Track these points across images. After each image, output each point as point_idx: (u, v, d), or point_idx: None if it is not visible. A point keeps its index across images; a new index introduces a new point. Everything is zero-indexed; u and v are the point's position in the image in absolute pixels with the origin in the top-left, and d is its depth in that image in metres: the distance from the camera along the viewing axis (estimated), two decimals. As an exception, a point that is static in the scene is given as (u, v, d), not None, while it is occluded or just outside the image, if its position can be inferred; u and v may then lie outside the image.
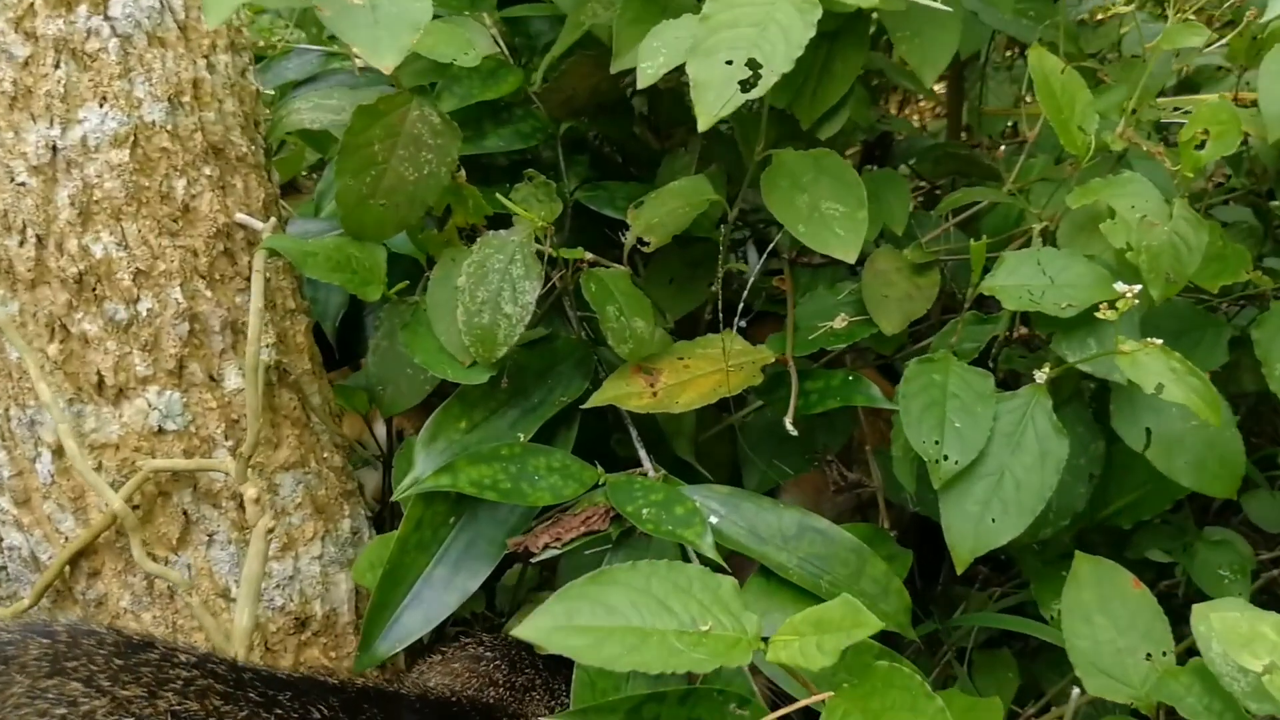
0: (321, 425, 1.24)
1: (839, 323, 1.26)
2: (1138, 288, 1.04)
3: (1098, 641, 1.04)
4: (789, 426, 1.18)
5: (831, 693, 0.86)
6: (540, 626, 0.85)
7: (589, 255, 1.24)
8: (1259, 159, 1.53)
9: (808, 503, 1.33)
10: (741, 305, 1.29)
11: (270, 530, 1.08)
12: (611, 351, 1.23)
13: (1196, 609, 0.91)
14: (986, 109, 1.70)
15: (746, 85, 0.97)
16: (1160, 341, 1.05)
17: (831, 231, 1.14)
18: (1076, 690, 1.08)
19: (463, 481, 1.12)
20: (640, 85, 1.05)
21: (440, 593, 1.15)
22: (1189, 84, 1.61)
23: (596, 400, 1.20)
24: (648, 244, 1.23)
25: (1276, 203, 1.53)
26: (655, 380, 1.20)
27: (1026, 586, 1.36)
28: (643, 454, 1.22)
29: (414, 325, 1.18)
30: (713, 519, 1.13)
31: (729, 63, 0.98)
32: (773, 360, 1.24)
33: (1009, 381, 1.43)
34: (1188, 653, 1.01)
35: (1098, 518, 1.33)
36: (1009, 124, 1.85)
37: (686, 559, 1.09)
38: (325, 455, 1.25)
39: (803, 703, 0.88)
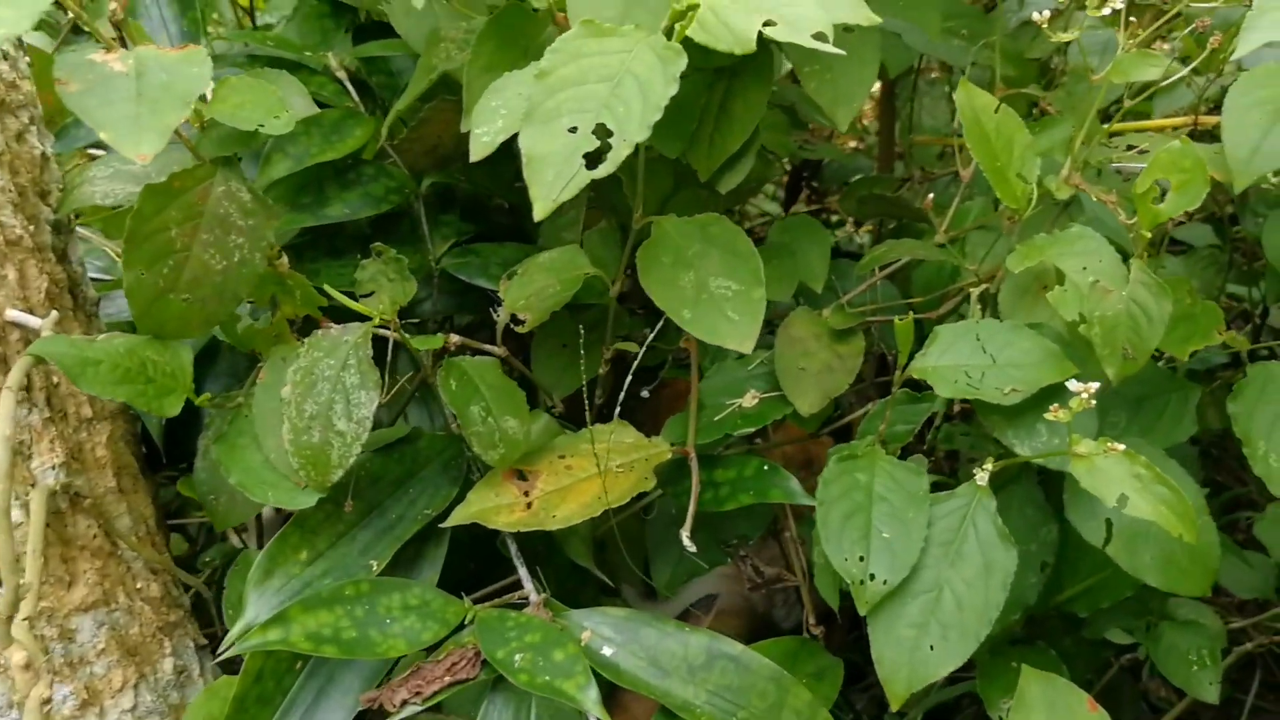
0: (134, 552, 1.03)
1: (749, 400, 1.08)
2: (1094, 386, 0.87)
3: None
4: (685, 540, 0.99)
5: None
6: None
7: (455, 338, 1.04)
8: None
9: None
10: (629, 379, 1.09)
11: (46, 701, 0.86)
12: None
13: None
14: (918, 138, 1.51)
15: (594, 160, 0.77)
16: (1122, 446, 0.88)
17: (723, 316, 0.96)
18: None
19: (296, 635, 0.92)
20: (473, 158, 0.85)
21: None
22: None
23: (458, 518, 1.00)
24: (522, 322, 1.03)
25: (1239, 228, 1.38)
26: (531, 487, 1.01)
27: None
28: (522, 571, 1.04)
29: (231, 438, 0.97)
30: (606, 650, 0.97)
31: (572, 130, 0.78)
32: (668, 456, 1.06)
33: (948, 466, 1.26)
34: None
35: (1051, 604, 1.16)
36: (943, 149, 1.66)
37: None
38: (138, 586, 1.04)
39: None
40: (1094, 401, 0.87)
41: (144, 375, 0.94)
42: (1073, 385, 0.88)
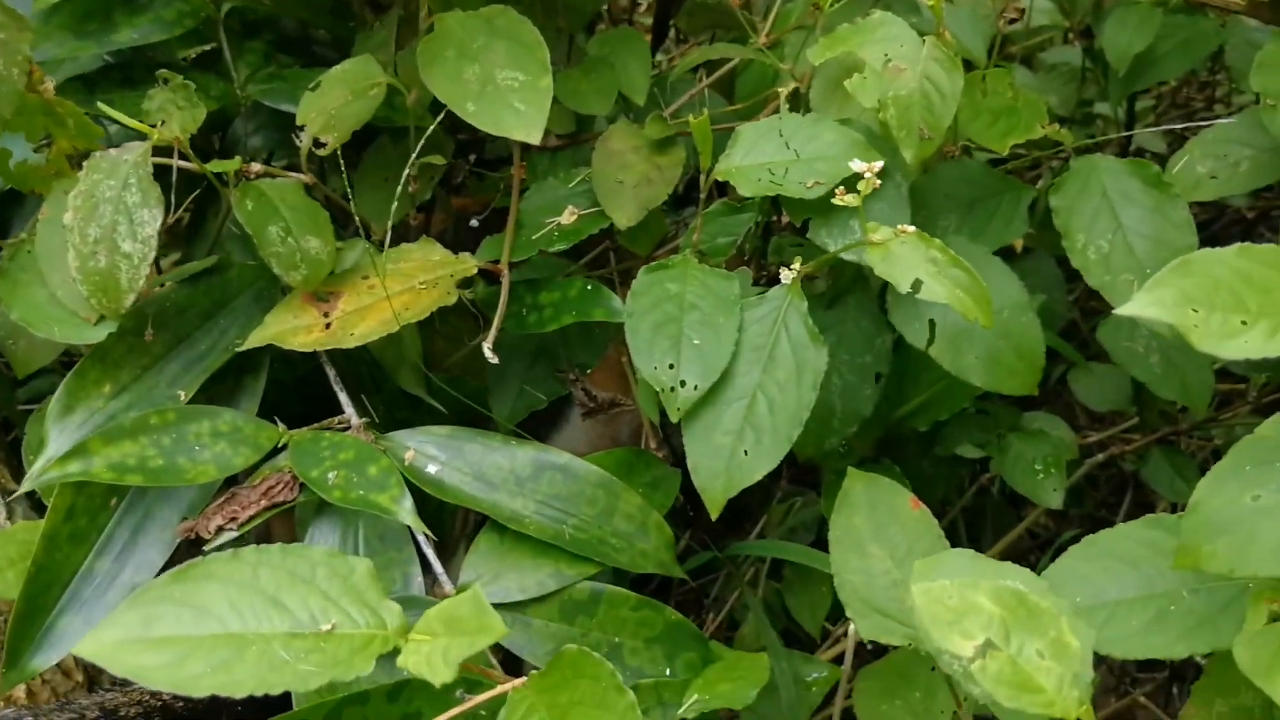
0: None
1: (567, 217, 1.06)
2: (879, 165, 0.84)
3: (871, 575, 0.86)
4: (488, 353, 0.98)
5: (522, 680, 0.73)
6: (104, 642, 0.66)
7: (256, 166, 1.01)
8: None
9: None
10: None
11: None
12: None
13: (914, 585, 0.70)
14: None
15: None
16: (913, 229, 0.86)
17: (509, 107, 0.93)
18: (852, 627, 0.92)
19: (98, 466, 0.91)
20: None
21: (104, 592, 0.94)
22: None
23: (254, 340, 0.98)
24: (324, 145, 1.00)
25: (1096, 40, 1.36)
26: (331, 308, 0.99)
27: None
28: (342, 397, 1.02)
29: (13, 274, 0.93)
30: (431, 468, 0.97)
31: None
32: (474, 271, 1.04)
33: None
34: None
35: (893, 419, 1.17)
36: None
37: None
38: None
39: (500, 689, 0.73)
40: (879, 182, 0.84)
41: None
42: (856, 165, 0.85)
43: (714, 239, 1.05)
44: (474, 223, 1.19)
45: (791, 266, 0.95)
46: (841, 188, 0.86)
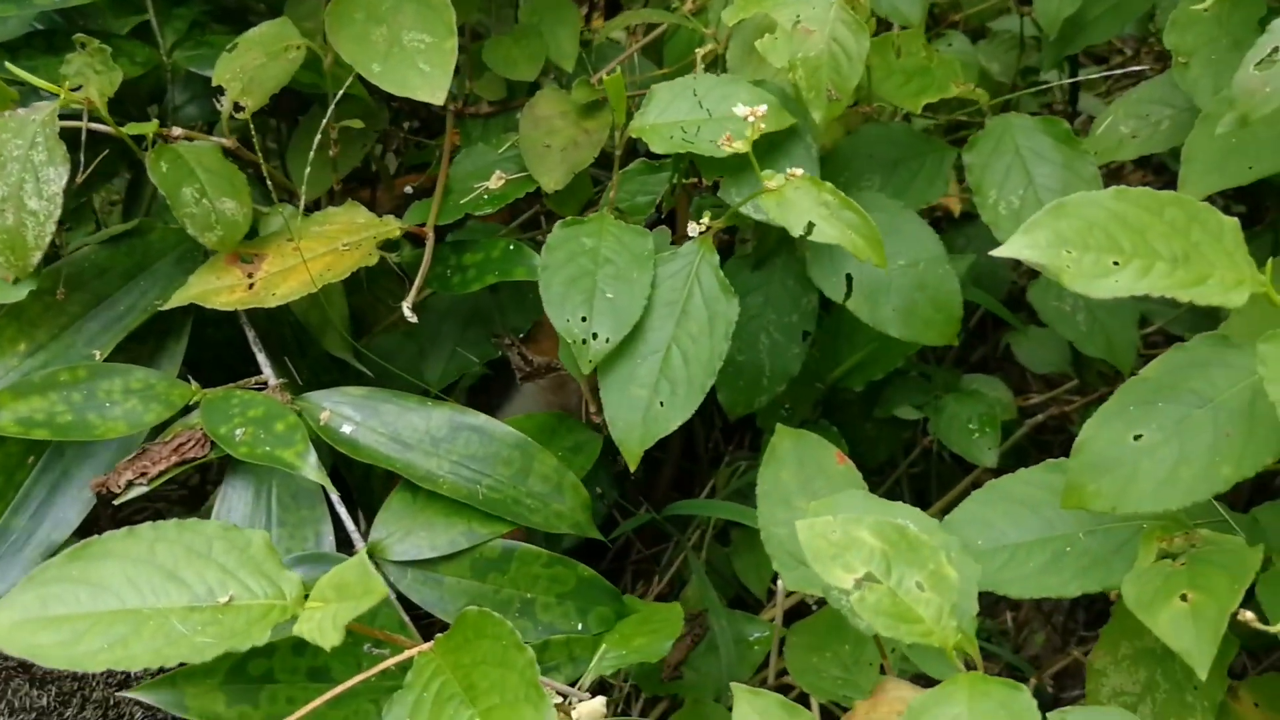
0: None
1: (494, 182, 1.05)
2: (762, 109, 0.84)
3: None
4: (407, 313, 0.98)
5: (428, 644, 0.73)
6: (1, 624, 0.67)
7: (178, 130, 1.00)
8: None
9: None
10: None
11: None
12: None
13: (799, 522, 0.71)
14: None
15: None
16: (801, 171, 0.86)
17: (414, 68, 0.93)
18: (781, 583, 0.93)
19: (5, 420, 0.90)
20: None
21: (21, 548, 0.93)
22: None
23: (176, 300, 0.98)
24: (243, 109, 0.99)
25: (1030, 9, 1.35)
26: (255, 269, 0.99)
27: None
28: (261, 358, 1.01)
29: None
30: (346, 428, 0.96)
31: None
32: (398, 234, 1.03)
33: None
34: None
35: (829, 380, 1.17)
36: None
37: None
38: None
39: (407, 654, 0.73)
40: (764, 125, 0.84)
41: None
42: (739, 110, 0.85)
43: (633, 198, 1.05)
44: (409, 189, 1.20)
45: (701, 221, 0.96)
46: (729, 134, 0.87)
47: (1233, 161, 0.83)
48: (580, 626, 0.95)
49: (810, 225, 0.86)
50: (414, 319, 0.98)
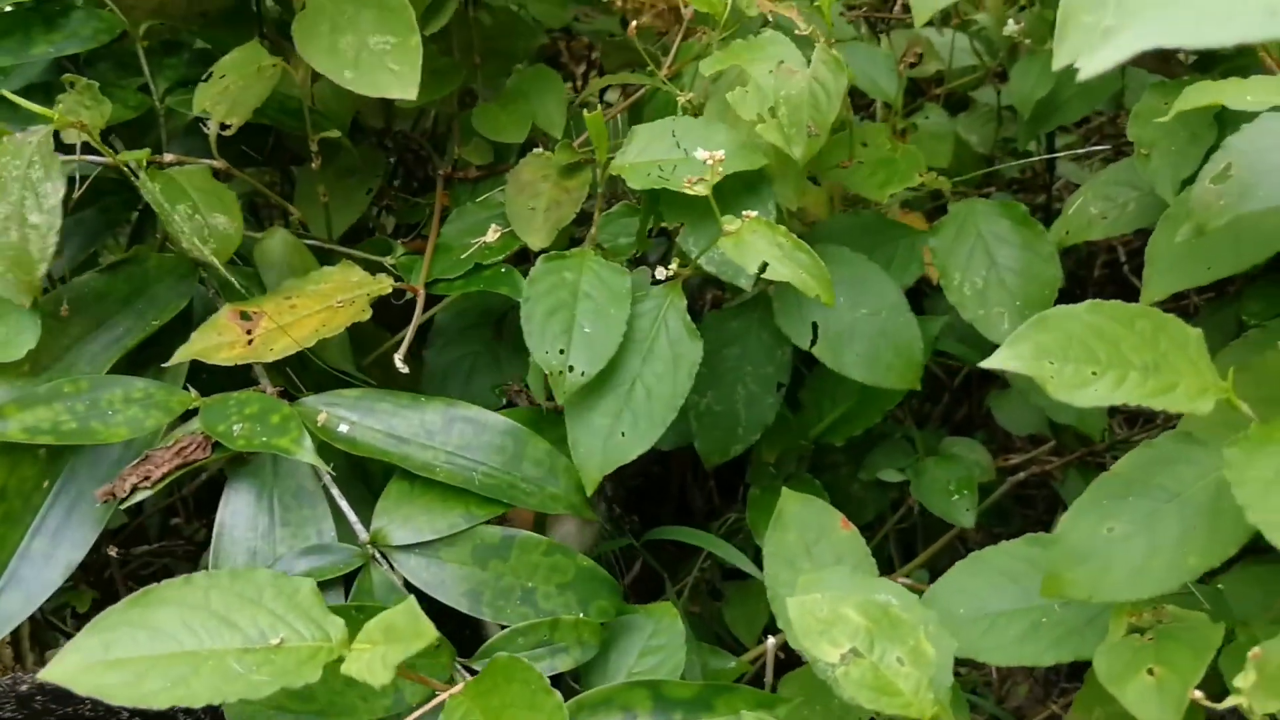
0: None
1: (492, 235, 1.05)
2: (720, 154, 0.86)
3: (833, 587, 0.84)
4: (399, 364, 0.97)
5: (459, 687, 0.76)
6: (68, 667, 0.69)
7: (169, 156, 1.01)
8: (991, 40, 1.33)
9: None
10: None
11: None
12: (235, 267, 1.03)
13: (789, 599, 0.73)
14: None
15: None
16: (756, 214, 0.89)
17: (384, 69, 0.92)
18: (771, 639, 0.92)
19: (12, 429, 0.87)
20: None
21: (41, 570, 0.92)
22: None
23: (180, 356, 0.95)
24: (229, 127, 1.00)
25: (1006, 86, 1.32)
26: (254, 326, 0.96)
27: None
28: (258, 368, 0.99)
29: None
30: (343, 428, 0.95)
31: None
32: (389, 290, 1.02)
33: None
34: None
35: (811, 436, 1.15)
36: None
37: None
38: None
39: (436, 700, 0.78)
40: (721, 169, 0.87)
41: None
42: (699, 154, 0.86)
43: (615, 238, 1.04)
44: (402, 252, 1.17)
45: (669, 267, 0.96)
46: (689, 177, 0.87)
47: (1191, 264, 0.84)
48: (582, 619, 0.93)
49: (764, 265, 0.87)
50: (405, 369, 0.96)
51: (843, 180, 1.04)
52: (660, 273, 0.95)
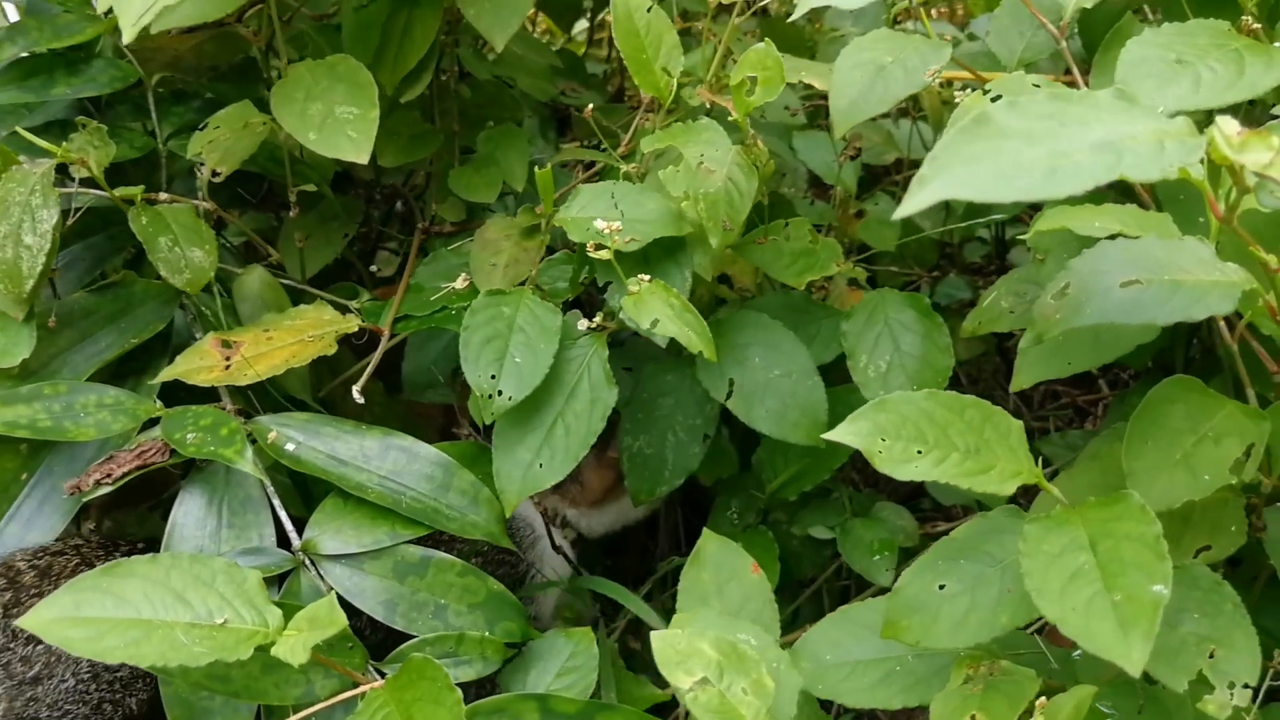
0: None
1: (460, 283, 1.13)
2: (618, 224, 0.97)
3: (707, 625, 0.91)
4: (356, 396, 1.06)
5: (379, 680, 0.86)
6: (43, 618, 0.79)
7: (164, 195, 1.11)
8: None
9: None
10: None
11: None
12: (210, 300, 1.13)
13: (653, 633, 0.82)
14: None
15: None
16: (649, 279, 1.00)
17: (344, 135, 1.02)
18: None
19: None
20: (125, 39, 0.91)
21: (12, 550, 1.01)
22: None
23: (163, 376, 1.04)
24: (219, 175, 1.09)
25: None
26: (233, 354, 1.05)
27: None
28: (222, 390, 1.08)
29: None
30: (289, 446, 1.03)
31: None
32: (355, 328, 1.11)
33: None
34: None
35: (768, 491, 1.23)
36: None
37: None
38: None
39: (356, 691, 0.88)
40: (619, 236, 0.98)
41: None
42: (599, 224, 0.97)
43: (554, 282, 1.12)
44: (375, 268, 1.31)
45: (595, 318, 1.05)
46: (592, 244, 0.98)
47: (1055, 359, 0.90)
48: (487, 636, 1.00)
49: (655, 321, 0.96)
50: (361, 400, 1.05)
51: (765, 265, 1.11)
52: (582, 324, 1.04)
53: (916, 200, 0.56)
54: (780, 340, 1.09)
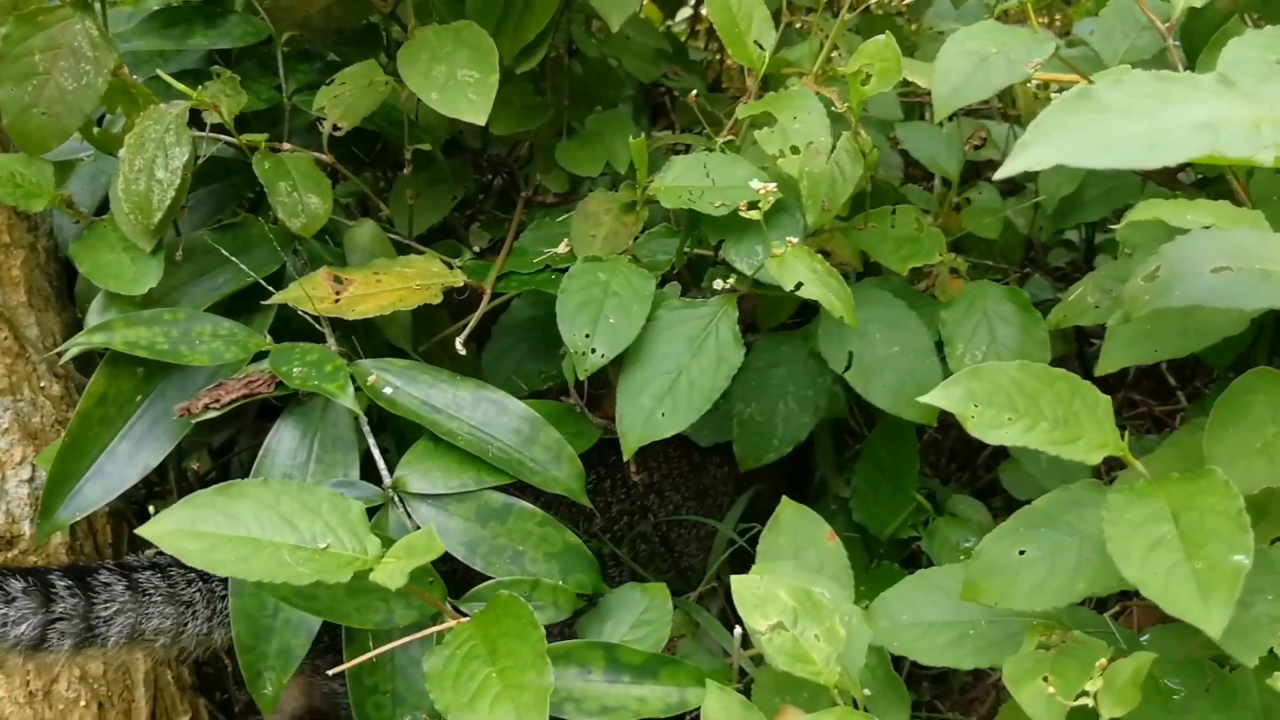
0: (39, 355, 1.12)
1: (563, 247, 1.16)
2: (773, 185, 0.96)
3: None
4: (459, 348, 1.08)
5: (466, 618, 0.88)
6: (161, 528, 0.82)
7: (287, 145, 1.15)
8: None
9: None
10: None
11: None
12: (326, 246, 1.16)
13: (733, 577, 0.84)
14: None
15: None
16: (797, 241, 1.01)
17: (464, 97, 1.05)
18: (739, 629, 0.97)
19: (116, 340, 1.02)
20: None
21: (122, 467, 1.06)
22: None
23: (277, 299, 1.08)
24: (340, 129, 1.13)
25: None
26: (343, 289, 1.08)
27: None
28: (326, 330, 1.12)
29: (89, 240, 1.09)
30: (387, 389, 1.06)
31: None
32: (461, 283, 1.14)
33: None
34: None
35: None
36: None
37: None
38: (42, 384, 1.14)
39: (443, 626, 0.90)
40: (774, 199, 0.98)
41: (13, 182, 1.08)
42: (754, 184, 0.96)
43: (654, 254, 1.14)
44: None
45: (727, 280, 1.07)
46: (744, 202, 0.98)
47: (1143, 344, 0.91)
48: (560, 585, 1.02)
49: (799, 284, 0.96)
50: (464, 352, 1.07)
51: (869, 248, 1.12)
52: (719, 284, 1.06)
53: (1018, 162, 0.58)
54: (902, 318, 1.10)
